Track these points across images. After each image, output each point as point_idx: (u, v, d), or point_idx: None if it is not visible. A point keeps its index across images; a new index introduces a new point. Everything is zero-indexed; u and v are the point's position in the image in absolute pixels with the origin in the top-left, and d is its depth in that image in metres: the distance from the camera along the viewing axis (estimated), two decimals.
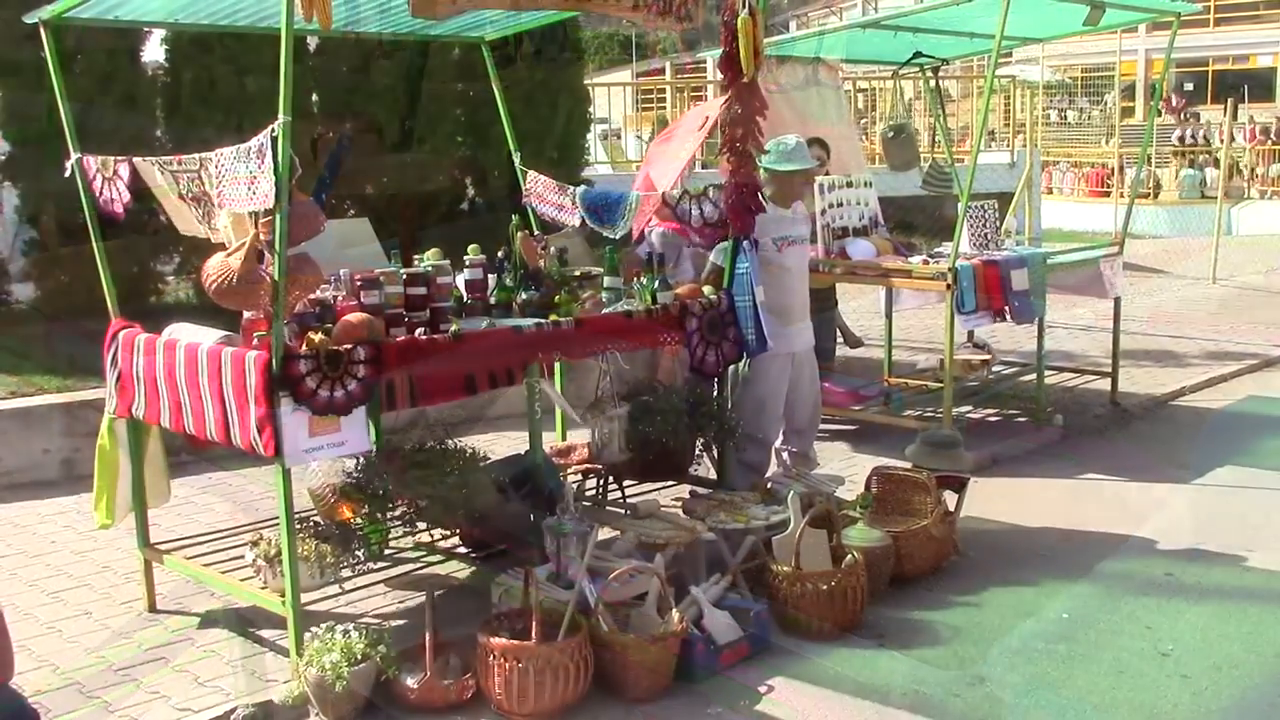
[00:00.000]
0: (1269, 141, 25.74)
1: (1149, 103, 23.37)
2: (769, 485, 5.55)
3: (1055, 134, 28.18)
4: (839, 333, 8.55)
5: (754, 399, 5.97)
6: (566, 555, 4.58)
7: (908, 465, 5.81)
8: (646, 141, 17.55)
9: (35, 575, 5.43)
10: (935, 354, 8.95)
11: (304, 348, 4.06)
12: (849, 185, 7.62)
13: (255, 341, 4.21)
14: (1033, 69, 24.30)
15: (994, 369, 8.68)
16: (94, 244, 4.95)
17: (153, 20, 6.01)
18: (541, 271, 5.14)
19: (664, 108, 20.12)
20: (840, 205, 7.54)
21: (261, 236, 4.03)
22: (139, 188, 4.70)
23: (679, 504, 5.45)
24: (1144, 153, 13.13)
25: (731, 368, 5.69)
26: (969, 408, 8.30)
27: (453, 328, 4.52)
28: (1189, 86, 35.75)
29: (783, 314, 5.92)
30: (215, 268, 4.09)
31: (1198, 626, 4.78)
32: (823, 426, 7.78)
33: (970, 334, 8.74)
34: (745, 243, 5.48)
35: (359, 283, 4.47)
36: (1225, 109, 17.58)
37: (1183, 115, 29.26)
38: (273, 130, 3.86)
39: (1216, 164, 21.26)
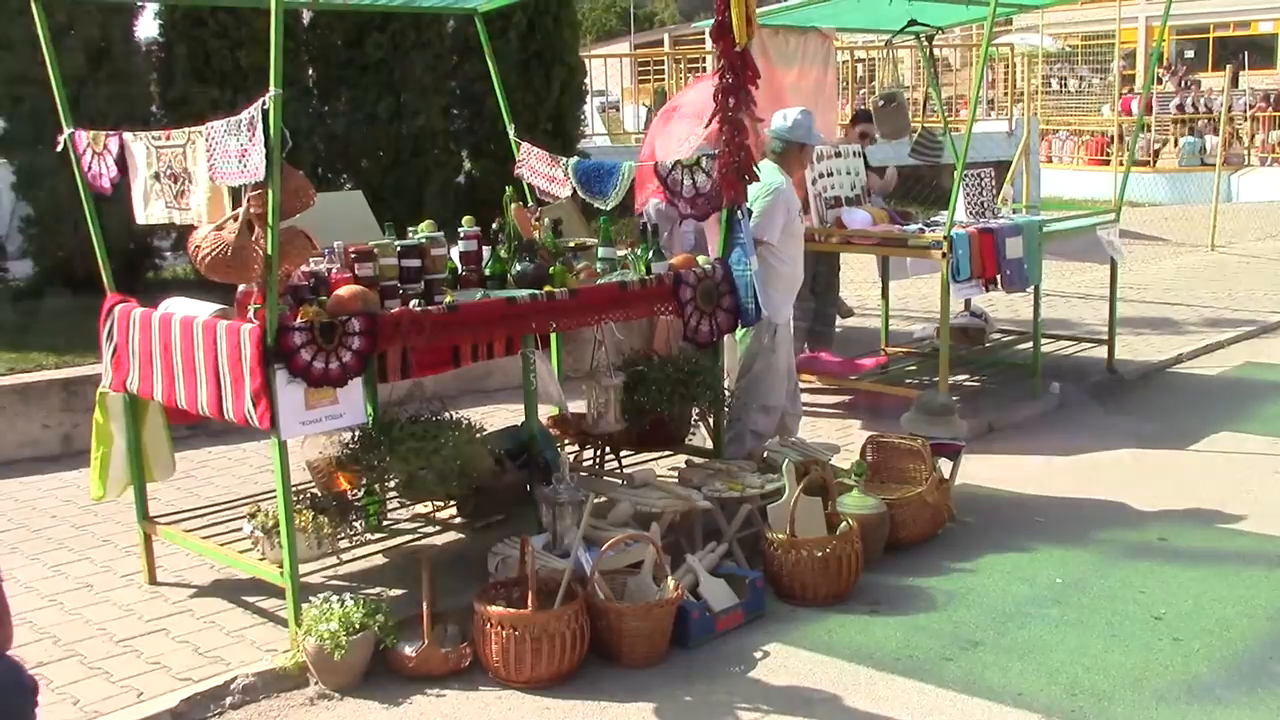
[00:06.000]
0: (1269, 108, 25.64)
1: (1148, 70, 23.28)
2: (764, 454, 5.58)
3: (1055, 102, 28.07)
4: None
5: (775, 368, 6.04)
6: (562, 524, 4.61)
7: (903, 433, 5.82)
8: (650, 111, 17.51)
9: (36, 549, 5.46)
10: (932, 323, 8.96)
11: (298, 320, 4.07)
12: (837, 155, 7.60)
13: (250, 314, 4.21)
14: (1032, 37, 24.15)
15: (991, 337, 8.70)
16: (89, 220, 4.95)
17: None
18: (536, 243, 5.14)
19: (662, 79, 20.03)
20: (831, 175, 7.53)
21: (252, 209, 4.02)
22: (127, 162, 4.70)
23: (675, 473, 5.48)
24: (1139, 121, 13.09)
25: (726, 337, 5.71)
26: (965, 375, 8.33)
27: (447, 299, 4.53)
28: (1190, 53, 35.55)
29: (796, 284, 6.06)
30: (207, 240, 4.07)
31: (1191, 591, 4.81)
32: (819, 396, 7.82)
33: (967, 303, 8.75)
34: (739, 211, 5.48)
35: (353, 255, 4.47)
36: (1225, 75, 17.52)
37: (1183, 83, 29.14)
38: (264, 103, 3.86)
39: (1216, 130, 21.16)
